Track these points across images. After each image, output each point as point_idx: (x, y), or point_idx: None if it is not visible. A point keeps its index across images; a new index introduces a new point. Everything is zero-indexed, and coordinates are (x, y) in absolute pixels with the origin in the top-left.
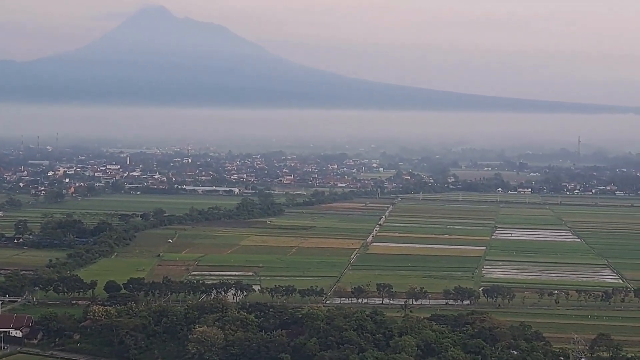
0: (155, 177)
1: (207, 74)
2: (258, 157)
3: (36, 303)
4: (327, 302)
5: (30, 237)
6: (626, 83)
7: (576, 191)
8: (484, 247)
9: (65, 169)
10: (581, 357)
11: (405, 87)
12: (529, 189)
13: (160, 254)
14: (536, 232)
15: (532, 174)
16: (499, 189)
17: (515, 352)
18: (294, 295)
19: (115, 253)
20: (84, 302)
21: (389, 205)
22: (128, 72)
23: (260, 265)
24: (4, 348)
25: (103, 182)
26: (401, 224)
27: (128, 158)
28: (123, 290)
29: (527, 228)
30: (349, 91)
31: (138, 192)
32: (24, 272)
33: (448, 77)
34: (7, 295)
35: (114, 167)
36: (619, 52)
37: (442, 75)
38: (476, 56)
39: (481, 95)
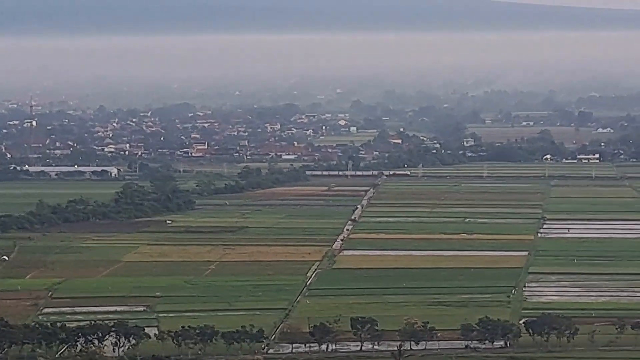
0: None
1: None
2: (149, 114)
3: None
4: (271, 350)
5: None
6: None
7: None
8: (526, 253)
9: None
10: None
11: None
12: (597, 155)
13: None
14: (609, 225)
15: (601, 130)
16: (548, 156)
17: None
18: (214, 341)
19: None
20: None
21: (367, 188)
22: None
23: (158, 294)
24: None
25: None
26: (388, 219)
27: None
28: None
29: (594, 219)
30: (297, 2)
31: None
32: None
33: None
34: None
35: None
36: None
37: None
38: None
39: (512, 2)
